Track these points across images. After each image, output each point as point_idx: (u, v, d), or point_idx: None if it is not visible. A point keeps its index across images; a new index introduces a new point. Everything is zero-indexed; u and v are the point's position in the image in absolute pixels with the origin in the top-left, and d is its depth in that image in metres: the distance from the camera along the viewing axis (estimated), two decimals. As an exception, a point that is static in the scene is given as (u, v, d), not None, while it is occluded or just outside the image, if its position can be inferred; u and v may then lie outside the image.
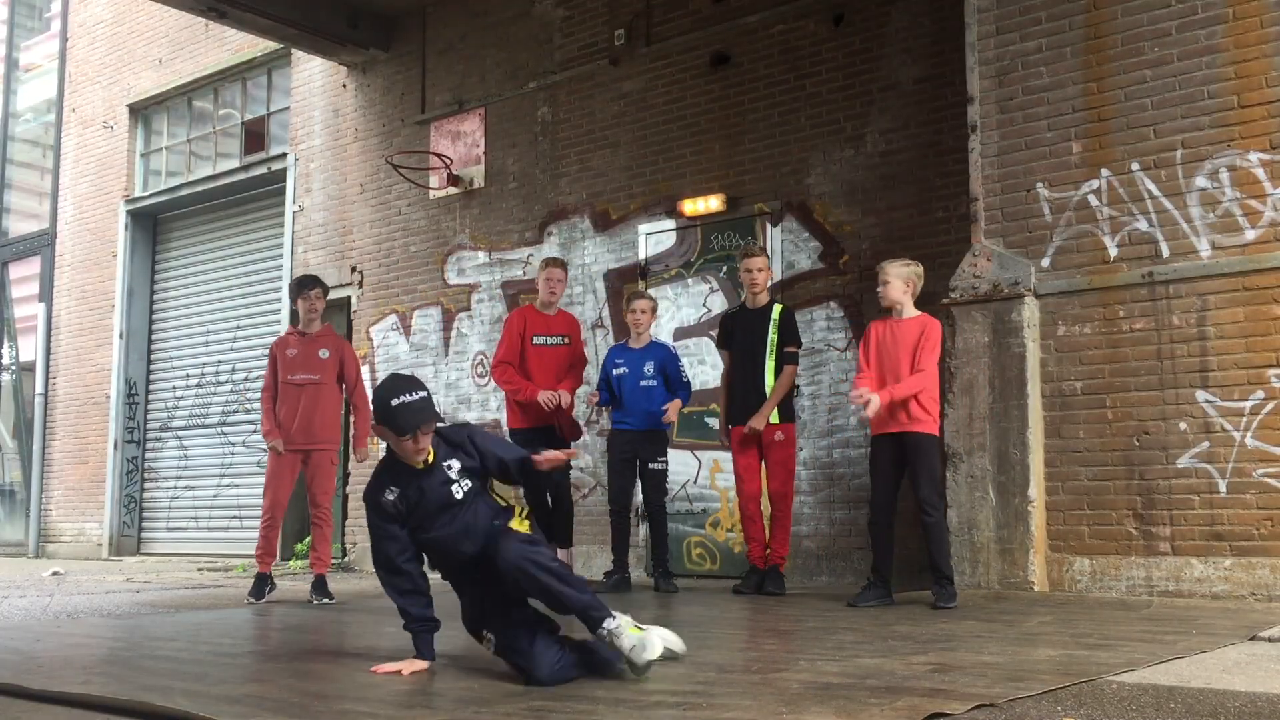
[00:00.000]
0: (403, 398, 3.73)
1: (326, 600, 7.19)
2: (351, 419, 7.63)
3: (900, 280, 6.16)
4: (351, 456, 8.04)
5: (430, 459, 3.85)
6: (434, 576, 4.05)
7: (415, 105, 11.06)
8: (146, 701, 3.41)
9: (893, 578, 6.10)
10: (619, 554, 7.48)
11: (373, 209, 11.31)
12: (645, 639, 3.59)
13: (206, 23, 12.13)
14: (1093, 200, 6.32)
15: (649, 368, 7.41)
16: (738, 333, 7.06)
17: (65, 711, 3.45)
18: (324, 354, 7.45)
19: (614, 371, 7.47)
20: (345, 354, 7.60)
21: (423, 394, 3.79)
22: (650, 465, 7.38)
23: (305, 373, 7.37)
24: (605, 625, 3.60)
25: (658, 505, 7.43)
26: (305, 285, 7.58)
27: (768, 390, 6.86)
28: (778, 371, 6.88)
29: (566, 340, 7.58)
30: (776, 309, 6.98)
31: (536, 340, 7.47)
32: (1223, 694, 3.20)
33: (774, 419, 6.83)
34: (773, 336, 6.88)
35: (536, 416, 7.38)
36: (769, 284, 7.21)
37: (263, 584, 7.34)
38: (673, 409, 7.33)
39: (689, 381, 7.59)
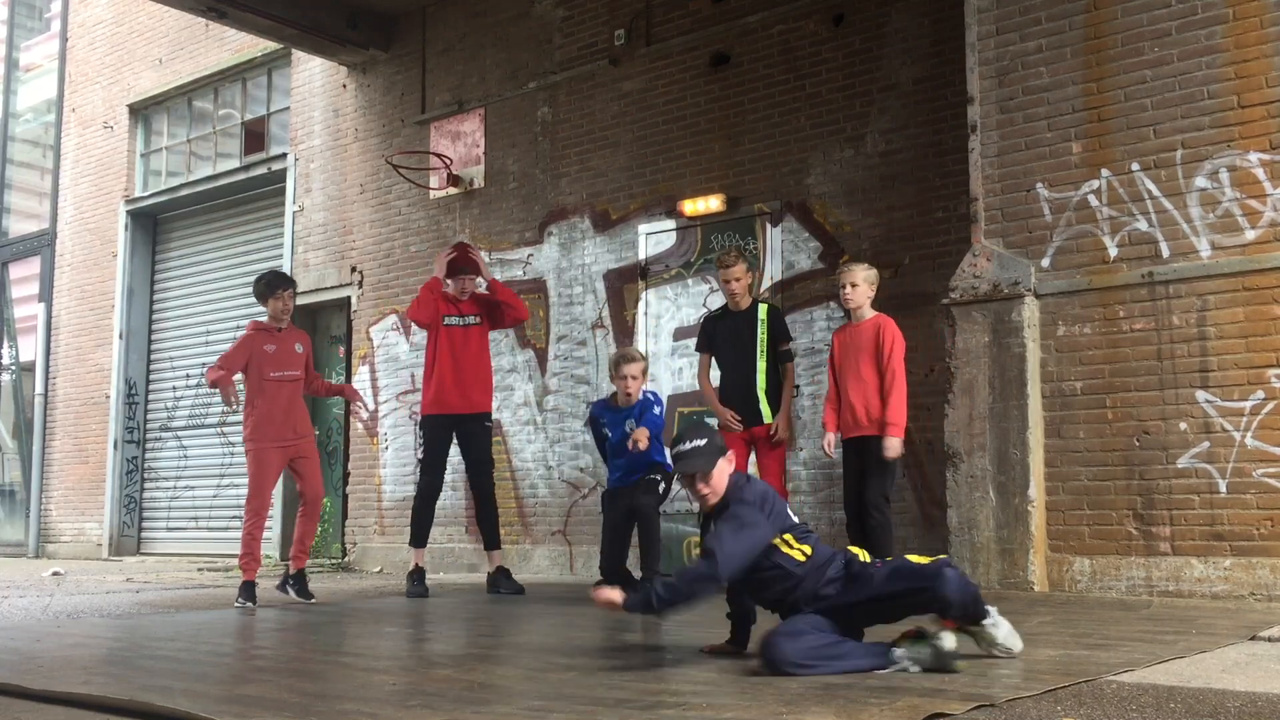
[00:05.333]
0: (679, 447, 4.05)
1: (300, 598, 7.18)
2: (329, 390, 8.04)
3: (867, 284, 6.32)
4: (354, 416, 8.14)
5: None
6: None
7: (415, 105, 11.06)
8: (146, 701, 3.41)
9: None
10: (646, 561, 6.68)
11: (373, 209, 11.31)
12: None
13: (206, 23, 12.13)
14: (1093, 200, 6.33)
15: (630, 426, 6.66)
16: (721, 337, 7.00)
17: (65, 711, 3.45)
18: (299, 349, 7.49)
19: (602, 432, 6.93)
20: (308, 347, 7.67)
21: (697, 443, 4.01)
22: (647, 477, 6.66)
23: (288, 369, 7.38)
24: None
25: (647, 509, 6.61)
26: (280, 285, 7.51)
27: (760, 390, 6.77)
28: (769, 372, 6.83)
29: (478, 320, 7.72)
30: (763, 309, 6.92)
31: (448, 321, 7.62)
32: (1223, 694, 3.20)
33: (768, 418, 6.79)
34: (763, 336, 6.84)
35: (441, 402, 7.53)
36: (766, 284, 7.16)
37: (250, 590, 7.11)
38: (641, 436, 6.43)
39: (662, 423, 6.77)
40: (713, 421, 8.50)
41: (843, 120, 8.25)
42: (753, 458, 6.97)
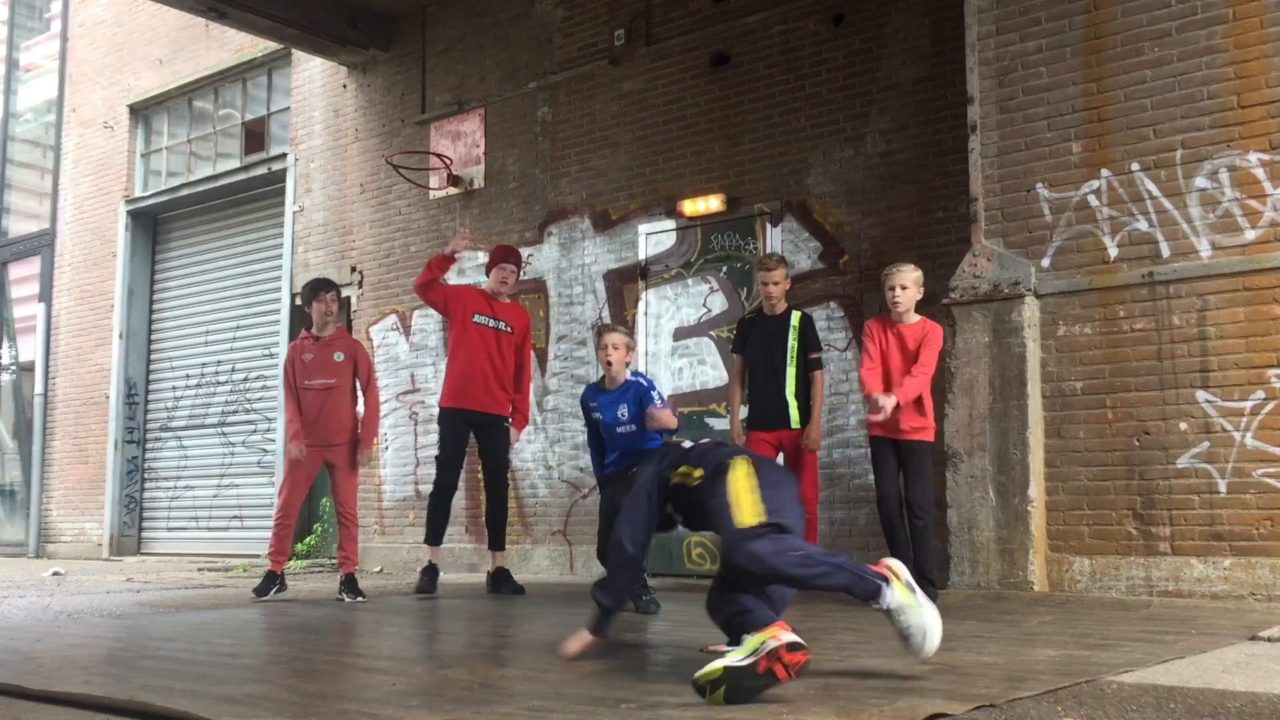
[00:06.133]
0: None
1: (360, 599, 7.22)
2: (361, 417, 7.72)
3: (916, 286, 6.10)
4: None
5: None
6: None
7: (415, 105, 11.06)
8: (146, 701, 3.41)
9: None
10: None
11: (373, 209, 11.31)
12: (926, 621, 3.57)
13: (206, 23, 12.13)
14: (1093, 200, 6.33)
15: (623, 411, 6.38)
16: (754, 339, 7.01)
17: (65, 711, 3.45)
18: (339, 357, 7.49)
19: (594, 416, 6.66)
20: (359, 355, 7.64)
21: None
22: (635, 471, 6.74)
23: (323, 377, 7.41)
24: (882, 600, 3.59)
25: None
26: (320, 288, 7.57)
27: (789, 396, 6.75)
28: (799, 378, 6.83)
29: (509, 329, 7.53)
30: (796, 316, 6.92)
31: (478, 319, 7.44)
32: (1223, 694, 3.20)
33: (796, 422, 6.79)
34: (793, 344, 6.84)
35: (465, 396, 7.39)
36: (789, 288, 7.10)
37: (270, 582, 7.38)
38: (661, 414, 6.12)
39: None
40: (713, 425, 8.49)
41: (843, 120, 8.25)
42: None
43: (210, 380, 13.01)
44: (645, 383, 6.38)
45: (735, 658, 3.21)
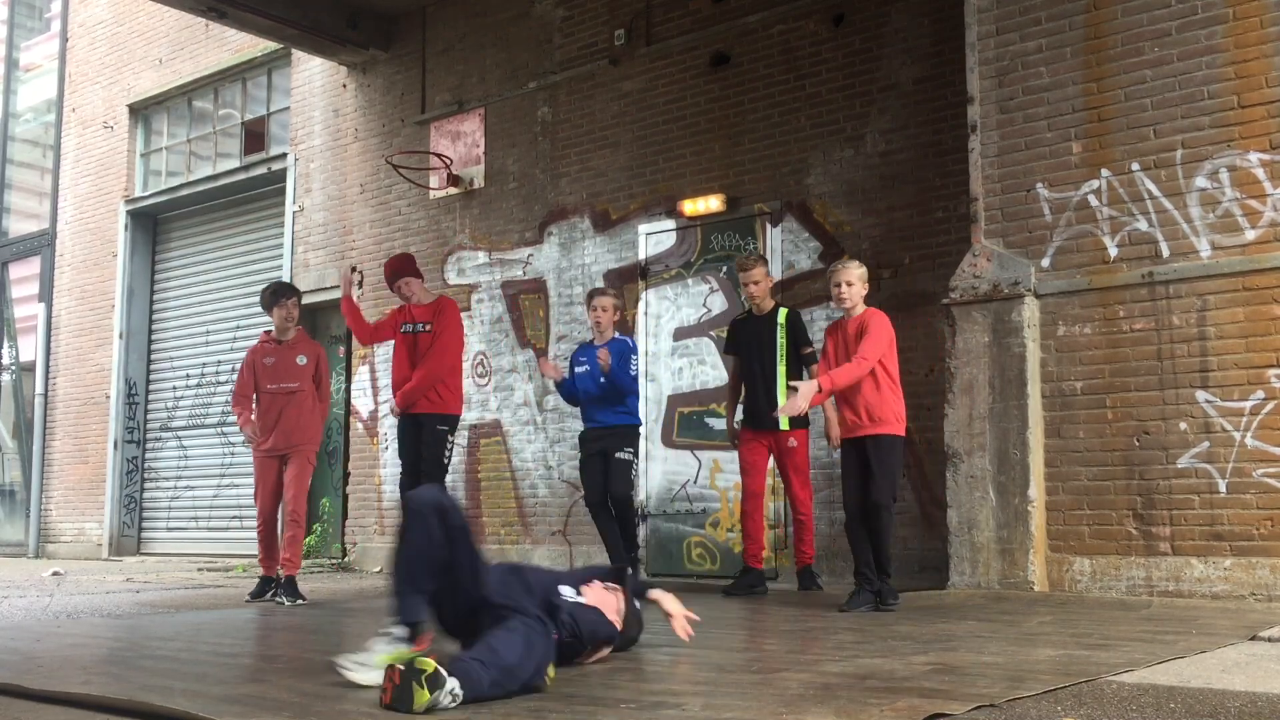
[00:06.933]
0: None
1: (300, 602, 7.19)
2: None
3: (861, 283, 5.98)
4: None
5: None
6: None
7: (415, 105, 11.06)
8: (146, 701, 3.41)
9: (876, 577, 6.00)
10: (613, 548, 7.32)
11: (373, 209, 11.31)
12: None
13: (206, 23, 12.13)
14: (1093, 200, 6.33)
15: (603, 356, 7.28)
16: (744, 339, 7.08)
17: (65, 711, 3.45)
18: (302, 360, 7.53)
19: (577, 369, 7.49)
20: (320, 358, 7.69)
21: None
22: (615, 455, 7.24)
23: (286, 381, 7.45)
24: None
25: (621, 498, 7.28)
26: (281, 294, 7.64)
27: (780, 395, 6.85)
28: (789, 375, 6.87)
29: (427, 327, 7.56)
30: (782, 313, 7.01)
31: (404, 328, 7.56)
32: (1223, 694, 3.20)
33: (786, 425, 6.86)
34: (782, 341, 6.93)
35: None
36: (771, 285, 7.26)
37: (265, 586, 7.44)
38: (602, 356, 7.14)
39: (635, 376, 7.39)
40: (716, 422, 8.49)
41: (843, 120, 8.25)
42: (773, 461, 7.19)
43: (210, 380, 13.00)
44: (630, 344, 7.49)
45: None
